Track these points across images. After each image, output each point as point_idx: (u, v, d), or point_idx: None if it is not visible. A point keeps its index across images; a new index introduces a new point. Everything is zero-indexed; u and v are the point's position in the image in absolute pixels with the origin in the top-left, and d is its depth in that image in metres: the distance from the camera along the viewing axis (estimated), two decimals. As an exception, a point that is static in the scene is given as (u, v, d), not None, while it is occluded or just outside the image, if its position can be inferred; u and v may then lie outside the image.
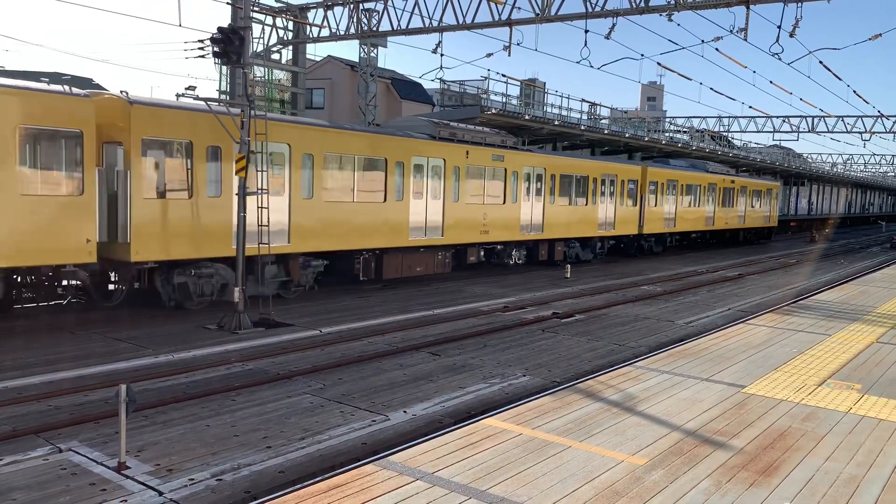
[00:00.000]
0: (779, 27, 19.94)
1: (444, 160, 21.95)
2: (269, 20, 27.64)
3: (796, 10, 20.00)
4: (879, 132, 50.77)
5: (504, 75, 33.74)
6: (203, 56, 28.60)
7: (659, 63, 37.93)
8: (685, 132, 54.35)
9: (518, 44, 23.19)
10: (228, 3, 22.58)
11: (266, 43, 27.82)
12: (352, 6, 25.81)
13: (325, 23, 26.75)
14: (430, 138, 21.72)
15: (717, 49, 22.36)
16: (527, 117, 31.93)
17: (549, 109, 36.24)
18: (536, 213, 26.24)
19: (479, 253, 24.41)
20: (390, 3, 24.80)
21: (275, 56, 28.68)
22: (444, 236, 22.21)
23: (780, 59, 22.82)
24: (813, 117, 52.34)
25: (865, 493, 6.33)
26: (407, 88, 45.71)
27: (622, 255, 33.90)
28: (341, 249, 18.96)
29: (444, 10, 23.64)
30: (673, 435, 7.65)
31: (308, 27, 27.63)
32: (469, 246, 23.68)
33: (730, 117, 55.94)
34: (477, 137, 23.65)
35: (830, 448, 7.44)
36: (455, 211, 22.48)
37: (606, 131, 38.01)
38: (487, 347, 13.65)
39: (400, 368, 11.84)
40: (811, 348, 12.34)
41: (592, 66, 23.36)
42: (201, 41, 27.79)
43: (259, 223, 15.20)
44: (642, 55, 24.73)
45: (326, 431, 8.72)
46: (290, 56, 29.49)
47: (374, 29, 25.72)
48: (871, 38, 21.44)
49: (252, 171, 14.84)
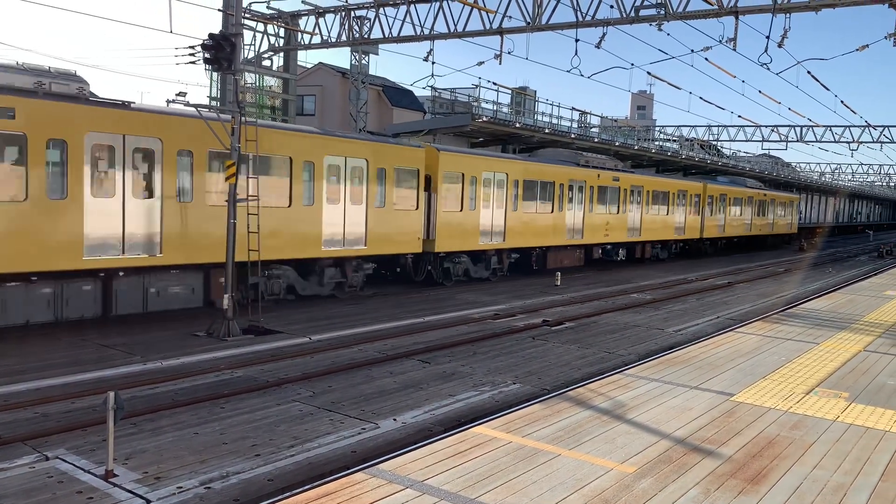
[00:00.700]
0: (767, 37, 20.12)
1: (585, 181, 29.67)
2: (261, 27, 27.63)
3: (785, 21, 20.21)
4: (867, 142, 51.27)
5: (495, 83, 33.82)
6: (194, 62, 28.59)
7: (649, 72, 38.39)
8: (675, 141, 54.65)
9: (509, 52, 23.35)
10: (220, 10, 22.60)
11: (257, 50, 27.82)
12: (343, 13, 25.85)
13: (317, 30, 26.80)
14: (576, 165, 29.53)
15: (707, 59, 22.56)
16: (517, 125, 32.03)
17: (540, 118, 36.37)
18: (638, 219, 34.08)
19: (600, 251, 32.21)
20: (382, 11, 24.87)
21: (266, 63, 28.66)
22: (584, 238, 29.83)
23: (769, 69, 23.03)
24: (801, 127, 52.80)
25: (853, 501, 6.36)
26: (398, 96, 45.76)
27: (684, 256, 40.50)
28: (526, 247, 26.75)
29: (436, 19, 23.73)
30: (662, 443, 7.68)
31: (299, 34, 27.65)
32: (595, 245, 31.31)
33: (719, 126, 56.43)
34: (599, 163, 31.12)
35: (818, 456, 7.47)
36: (590, 219, 30.11)
37: (597, 139, 38.17)
38: (478, 355, 13.65)
39: (390, 376, 11.82)
40: (799, 357, 12.40)
41: (583, 75, 23.69)
42: (192, 47, 27.79)
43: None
44: (632, 64, 24.89)
45: (316, 439, 8.70)
46: (282, 63, 29.47)
47: (366, 36, 25.76)
48: (859, 49, 21.60)
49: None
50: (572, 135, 35.43)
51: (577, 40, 21.76)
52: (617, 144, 39.23)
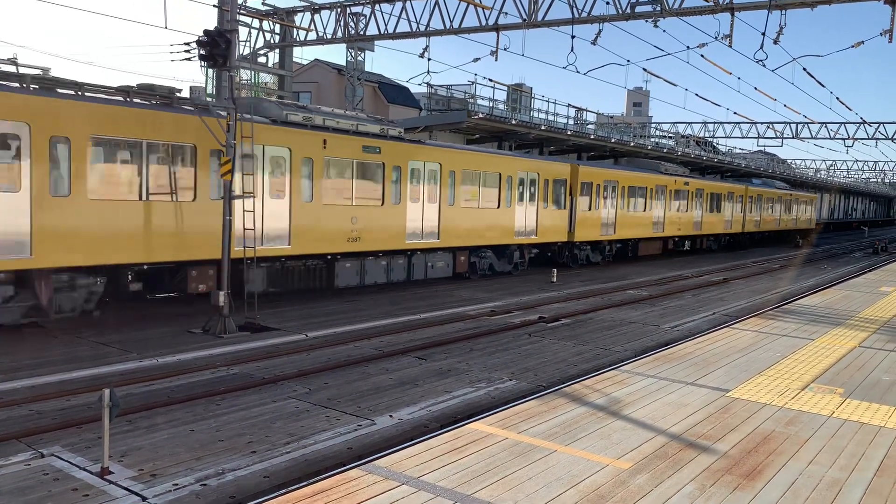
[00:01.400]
0: (763, 34, 20.16)
1: (666, 186, 36.22)
2: (256, 23, 27.57)
3: (780, 18, 20.24)
4: (862, 138, 51.29)
5: (491, 80, 33.84)
6: (189, 59, 28.37)
7: (645, 69, 38.24)
8: (671, 137, 54.66)
9: (505, 49, 23.32)
10: (215, 6, 22.52)
11: (253, 46, 27.76)
12: (339, 10, 25.81)
13: (312, 26, 26.73)
14: (660, 173, 36.05)
15: (703, 55, 22.63)
16: (514, 122, 31.99)
17: (536, 114, 36.34)
18: (700, 216, 40.68)
19: (671, 243, 38.97)
20: (377, 8, 24.83)
21: (261, 59, 28.60)
22: (664, 231, 36.40)
23: (765, 66, 23.13)
24: (797, 123, 52.83)
25: (848, 497, 6.38)
26: (394, 92, 45.74)
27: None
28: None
29: (432, 15, 23.71)
30: (658, 439, 7.69)
31: (295, 31, 27.59)
32: (670, 238, 38.13)
33: (715, 123, 56.36)
34: (673, 170, 37.67)
35: (813, 452, 7.50)
36: (669, 216, 36.76)
37: (593, 136, 38.14)
38: (474, 352, 13.66)
39: (386, 373, 11.82)
40: (795, 352, 12.43)
41: (579, 72, 23.53)
42: (187, 44, 27.63)
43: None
44: (628, 61, 24.98)
45: (312, 436, 8.69)
46: (277, 59, 29.41)
47: (362, 33, 25.73)
48: (854, 46, 21.63)
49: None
50: (568, 132, 35.42)
51: (573, 37, 21.80)
52: (613, 141, 39.23)
